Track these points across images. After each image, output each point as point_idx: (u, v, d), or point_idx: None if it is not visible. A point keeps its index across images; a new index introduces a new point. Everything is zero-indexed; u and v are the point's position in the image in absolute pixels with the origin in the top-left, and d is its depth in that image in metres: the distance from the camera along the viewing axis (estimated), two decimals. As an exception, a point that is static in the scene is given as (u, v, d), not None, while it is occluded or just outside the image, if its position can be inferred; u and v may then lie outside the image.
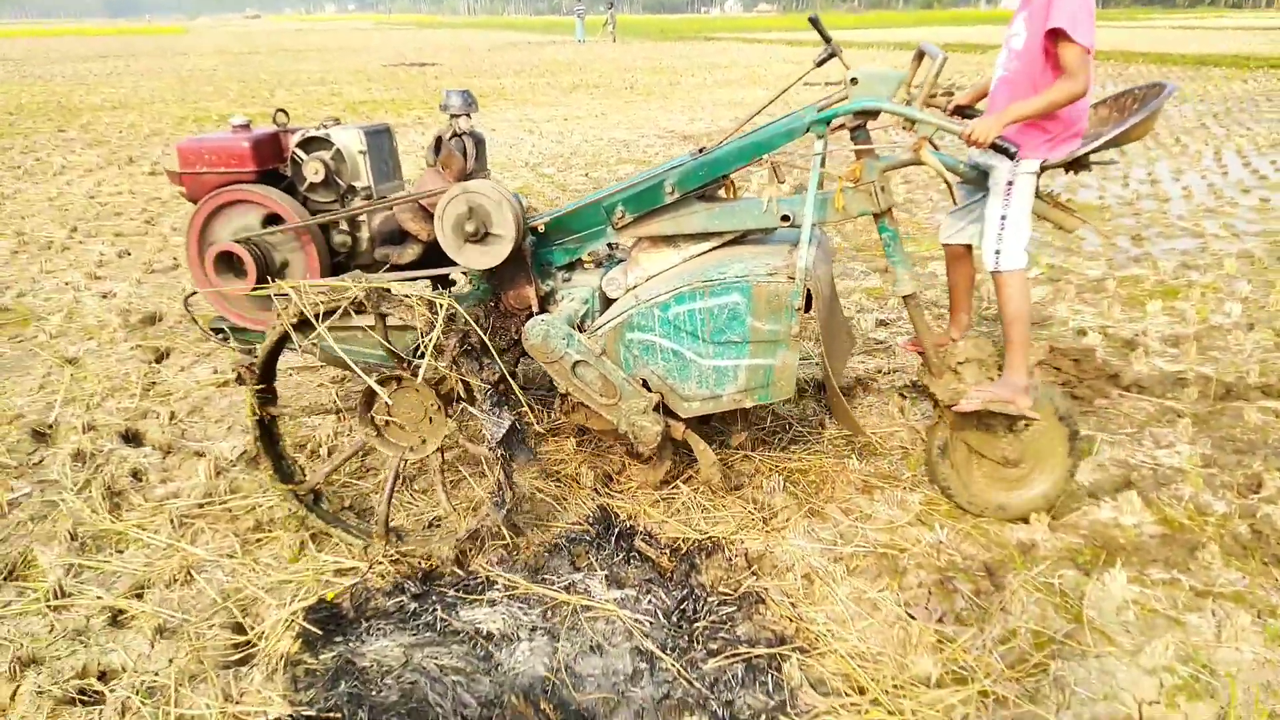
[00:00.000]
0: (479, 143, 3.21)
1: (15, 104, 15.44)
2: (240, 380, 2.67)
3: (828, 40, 2.80)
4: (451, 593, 2.47)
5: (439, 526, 2.85)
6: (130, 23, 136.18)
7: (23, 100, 16.07)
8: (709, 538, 2.73)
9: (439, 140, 3.07)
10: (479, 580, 2.53)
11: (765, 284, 2.47)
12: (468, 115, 3.15)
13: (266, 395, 2.73)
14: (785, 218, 2.62)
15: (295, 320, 2.51)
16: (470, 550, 2.64)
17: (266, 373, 2.70)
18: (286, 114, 3.24)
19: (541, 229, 2.84)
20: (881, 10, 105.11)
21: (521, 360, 3.09)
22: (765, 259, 2.57)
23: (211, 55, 30.70)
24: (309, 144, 3.03)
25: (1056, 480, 2.75)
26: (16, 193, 8.06)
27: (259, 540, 2.77)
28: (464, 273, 2.88)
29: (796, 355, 2.55)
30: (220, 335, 3.16)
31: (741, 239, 2.77)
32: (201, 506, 2.93)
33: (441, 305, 2.42)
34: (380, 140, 3.17)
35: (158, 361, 4.23)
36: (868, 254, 5.79)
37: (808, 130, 2.56)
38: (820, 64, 2.83)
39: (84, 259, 5.92)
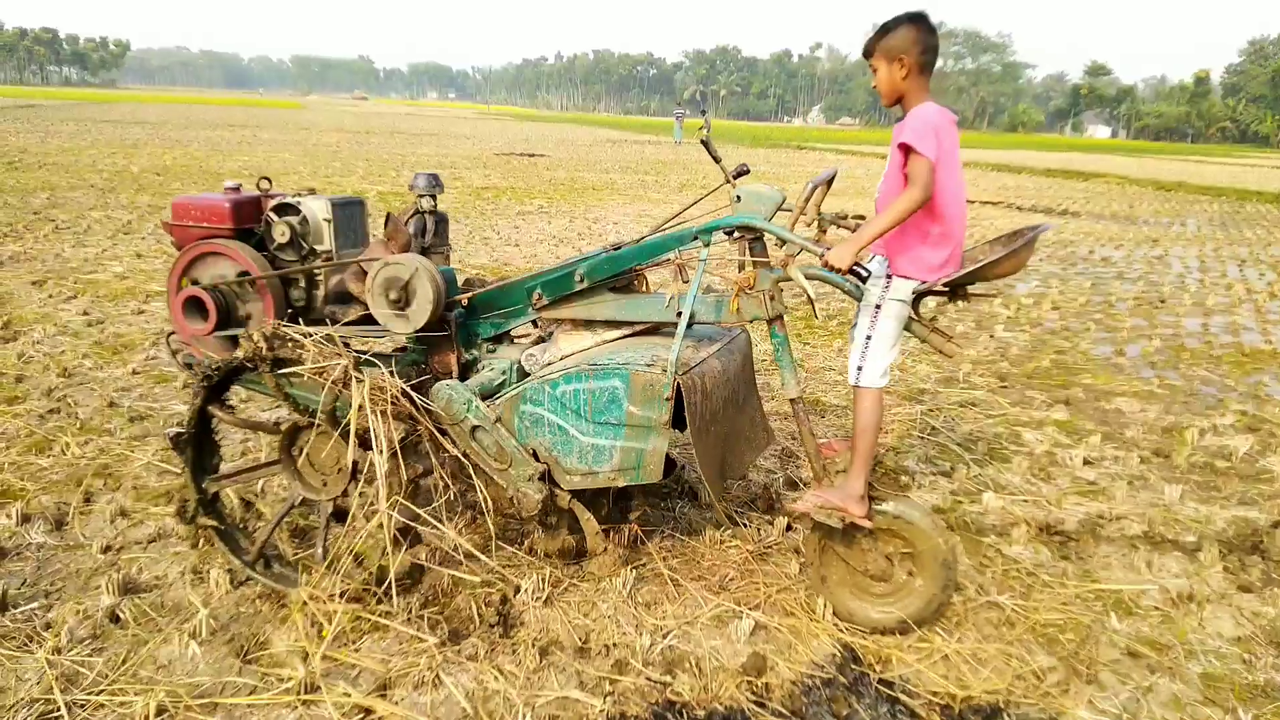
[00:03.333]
0: (440, 221, 3.51)
1: (160, 165, 16.39)
2: (177, 447, 2.90)
3: (718, 161, 3.08)
4: (725, 732, 2.30)
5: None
6: (245, 94, 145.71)
7: (166, 162, 17.07)
8: (978, 699, 2.51)
9: (389, 216, 3.34)
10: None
11: (643, 373, 2.62)
12: (432, 197, 3.47)
13: (205, 464, 2.95)
14: (681, 314, 2.77)
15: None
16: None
17: (201, 432, 2.92)
18: (270, 181, 3.48)
19: (466, 303, 3.07)
20: (964, 130, 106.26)
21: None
22: (656, 350, 2.74)
23: (331, 132, 32.41)
24: (281, 209, 3.26)
25: (927, 598, 2.72)
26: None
27: (498, 641, 2.65)
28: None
29: (666, 442, 2.65)
30: (189, 368, 3.32)
31: (655, 330, 2.95)
32: (425, 605, 2.82)
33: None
34: (350, 211, 3.38)
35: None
36: (1042, 381, 5.58)
37: (695, 238, 2.77)
38: (736, 177, 3.04)
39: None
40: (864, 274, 2.54)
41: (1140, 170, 30.93)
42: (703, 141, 3.24)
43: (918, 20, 2.66)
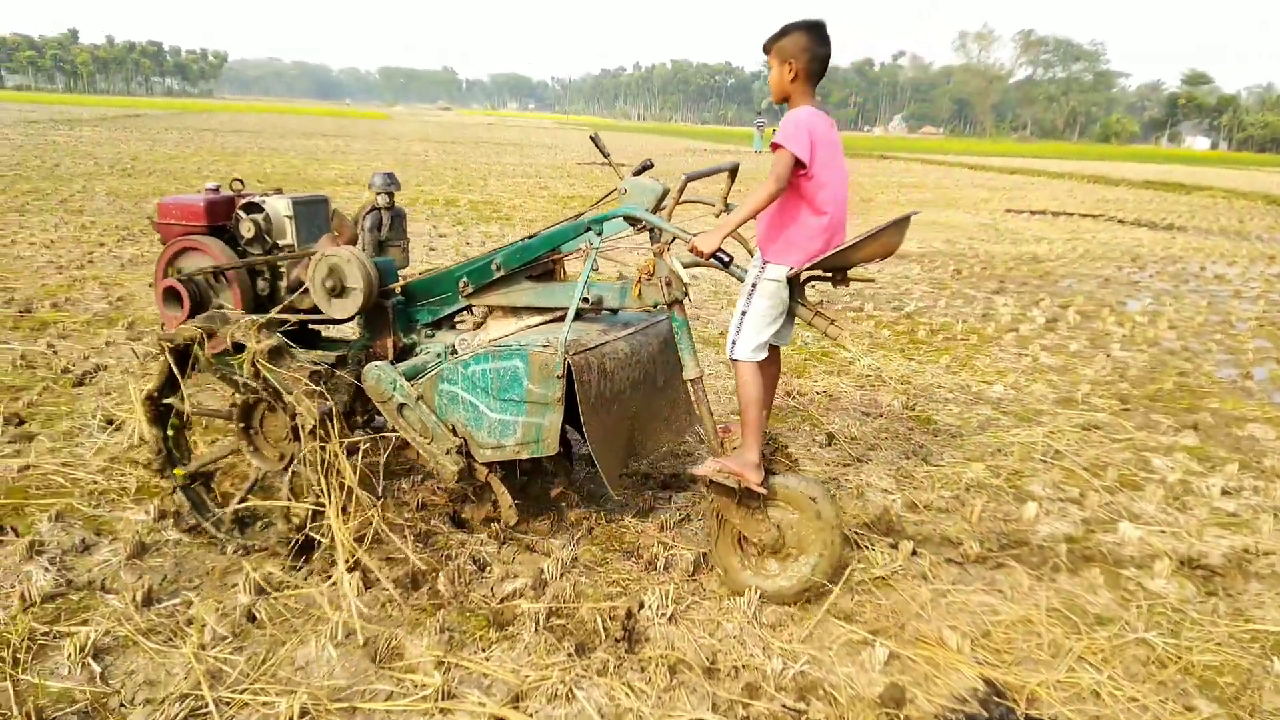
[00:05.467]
0: (396, 217, 3.77)
1: (261, 173, 17.01)
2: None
3: (606, 156, 3.27)
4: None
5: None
6: (333, 105, 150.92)
7: (267, 170, 17.71)
8: (1137, 739, 2.37)
9: (334, 212, 3.57)
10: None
11: (539, 352, 2.81)
12: (389, 194, 3.71)
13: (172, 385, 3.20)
14: (587, 300, 2.98)
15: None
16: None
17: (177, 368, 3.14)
18: (242, 182, 3.75)
19: (398, 290, 3.32)
20: (1053, 141, 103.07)
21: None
22: (555, 333, 2.89)
23: (418, 142, 33.21)
24: (249, 207, 3.52)
25: (816, 569, 2.85)
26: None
27: (625, 656, 2.61)
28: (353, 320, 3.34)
29: (559, 417, 2.82)
30: None
31: (577, 316, 3.02)
32: (550, 616, 2.81)
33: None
34: (312, 209, 3.64)
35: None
36: (1166, 404, 5.31)
37: (588, 229, 3.00)
38: (637, 174, 3.10)
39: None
40: (725, 259, 2.75)
41: (1249, 184, 29.47)
42: (591, 137, 3.38)
43: (812, 29, 2.80)
